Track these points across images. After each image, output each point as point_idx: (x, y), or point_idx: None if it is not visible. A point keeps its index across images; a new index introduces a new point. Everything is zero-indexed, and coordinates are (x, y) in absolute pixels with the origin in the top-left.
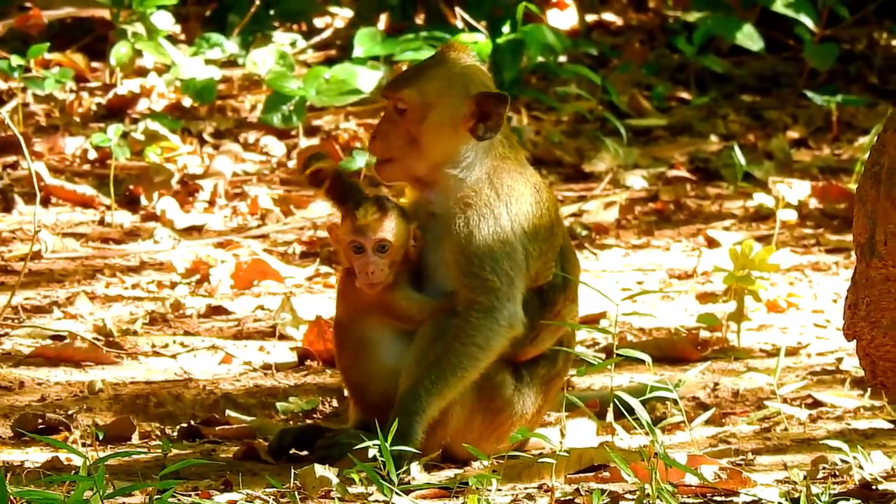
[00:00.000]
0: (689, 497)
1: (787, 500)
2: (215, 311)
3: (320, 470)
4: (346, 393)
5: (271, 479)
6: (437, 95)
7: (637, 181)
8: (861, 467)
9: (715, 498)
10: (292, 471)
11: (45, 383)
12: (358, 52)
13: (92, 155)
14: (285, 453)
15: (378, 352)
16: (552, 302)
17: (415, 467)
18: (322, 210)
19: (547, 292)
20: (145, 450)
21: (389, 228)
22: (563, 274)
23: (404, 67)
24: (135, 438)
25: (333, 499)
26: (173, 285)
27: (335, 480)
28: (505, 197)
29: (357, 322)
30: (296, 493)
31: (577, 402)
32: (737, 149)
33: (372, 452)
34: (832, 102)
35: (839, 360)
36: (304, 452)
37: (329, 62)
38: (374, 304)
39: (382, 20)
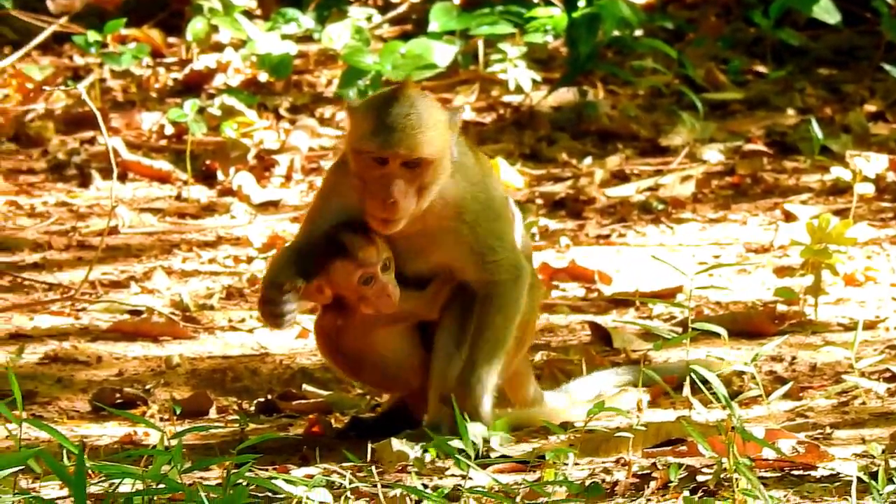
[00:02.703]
0: (766, 471)
1: (865, 474)
2: None
3: (397, 444)
4: None
5: (348, 453)
6: (442, 136)
7: (713, 155)
8: None
9: (793, 472)
10: (369, 445)
11: (123, 358)
12: (433, 26)
13: (168, 130)
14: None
15: (401, 358)
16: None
17: (495, 441)
18: None
19: None
20: (222, 424)
21: (382, 245)
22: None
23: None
24: (212, 413)
25: (410, 473)
26: (250, 260)
27: (412, 455)
28: (486, 168)
29: (369, 347)
30: (372, 467)
31: (655, 376)
32: (814, 122)
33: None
34: None
35: None
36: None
37: (405, 37)
38: (373, 325)
39: None
